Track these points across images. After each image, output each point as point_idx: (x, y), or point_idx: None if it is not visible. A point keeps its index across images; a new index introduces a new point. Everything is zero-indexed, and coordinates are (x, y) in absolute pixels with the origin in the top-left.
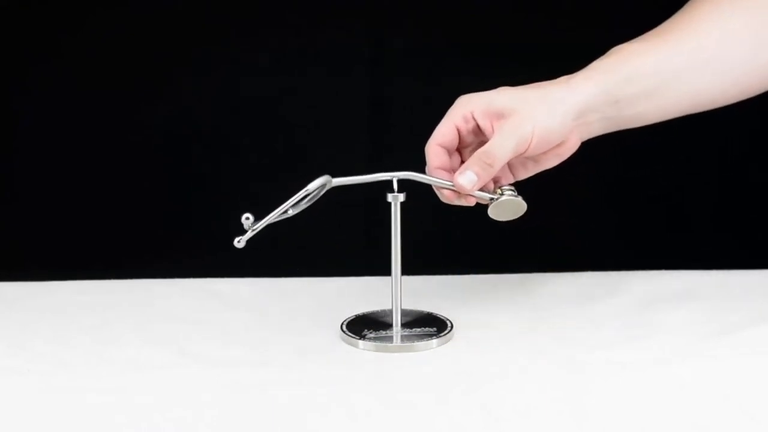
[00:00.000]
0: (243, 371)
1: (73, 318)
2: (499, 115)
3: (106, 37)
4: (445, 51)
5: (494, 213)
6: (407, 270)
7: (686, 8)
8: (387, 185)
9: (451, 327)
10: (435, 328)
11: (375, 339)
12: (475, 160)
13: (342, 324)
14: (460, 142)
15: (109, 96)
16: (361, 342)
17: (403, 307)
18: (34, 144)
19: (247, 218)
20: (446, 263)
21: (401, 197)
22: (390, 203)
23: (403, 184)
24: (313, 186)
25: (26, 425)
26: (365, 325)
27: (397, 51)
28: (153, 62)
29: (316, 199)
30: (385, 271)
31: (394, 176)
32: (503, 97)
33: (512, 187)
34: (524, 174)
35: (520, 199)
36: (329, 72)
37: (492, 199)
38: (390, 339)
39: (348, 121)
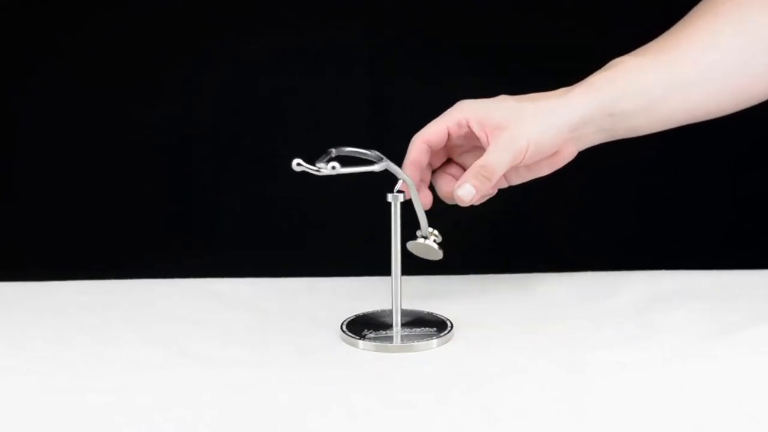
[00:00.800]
0: (243, 371)
1: (73, 318)
2: (495, 127)
3: (106, 37)
4: (445, 51)
5: (412, 247)
6: (407, 270)
7: (685, 20)
8: (387, 186)
9: (451, 327)
10: (435, 328)
11: (375, 339)
12: (473, 173)
13: (342, 324)
14: (447, 143)
15: (109, 96)
16: (361, 342)
17: (403, 307)
18: (34, 144)
19: (299, 164)
20: (446, 263)
21: (401, 197)
22: (390, 203)
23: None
24: (377, 169)
25: (26, 425)
26: (365, 325)
27: (397, 51)
28: (153, 62)
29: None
30: (385, 271)
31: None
32: (500, 108)
33: (439, 236)
34: (517, 180)
35: (437, 248)
36: (329, 72)
37: (424, 237)
38: (390, 339)
39: (348, 121)
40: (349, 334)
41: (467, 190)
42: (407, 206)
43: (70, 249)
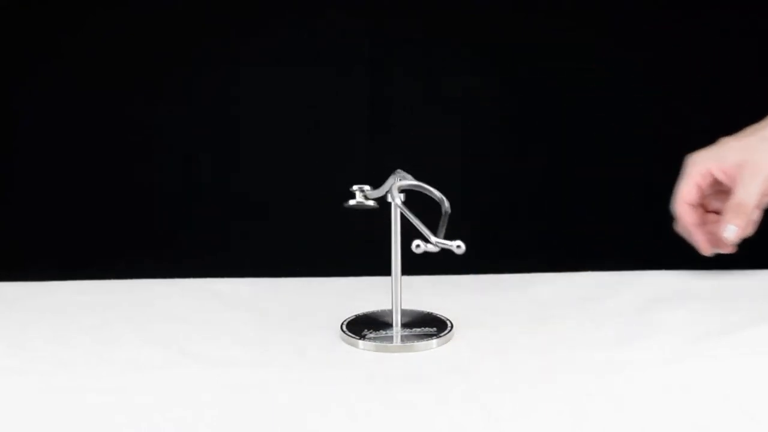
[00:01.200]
0: (243, 371)
1: (73, 318)
2: (734, 166)
3: (106, 37)
4: (445, 51)
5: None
6: (407, 270)
7: None
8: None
9: (451, 327)
10: (435, 328)
11: (375, 339)
12: (732, 213)
13: (342, 324)
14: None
15: (110, 96)
16: (361, 342)
17: (403, 307)
18: (34, 144)
19: (418, 245)
20: (446, 263)
21: (400, 198)
22: (390, 203)
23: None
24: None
25: (26, 425)
26: (365, 325)
27: (397, 51)
28: (153, 62)
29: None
30: (385, 271)
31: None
32: (730, 150)
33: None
34: (761, 207)
35: (372, 203)
36: (329, 72)
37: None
38: (390, 339)
39: (348, 121)
40: (349, 334)
41: (731, 230)
42: (406, 206)
43: (70, 249)
